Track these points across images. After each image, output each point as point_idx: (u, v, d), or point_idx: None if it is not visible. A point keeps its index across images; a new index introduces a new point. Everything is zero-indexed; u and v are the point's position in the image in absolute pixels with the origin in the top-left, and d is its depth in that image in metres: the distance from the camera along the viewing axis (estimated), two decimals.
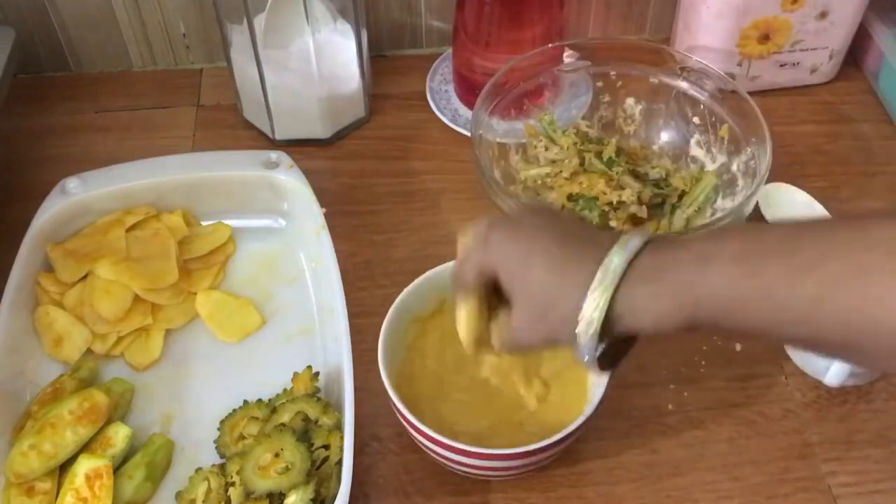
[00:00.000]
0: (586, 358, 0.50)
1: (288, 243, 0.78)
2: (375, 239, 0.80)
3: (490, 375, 0.65)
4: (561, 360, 0.66)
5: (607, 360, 0.53)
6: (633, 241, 0.49)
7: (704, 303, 0.46)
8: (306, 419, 0.63)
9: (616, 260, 0.48)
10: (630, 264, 0.48)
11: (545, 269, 0.50)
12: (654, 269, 0.48)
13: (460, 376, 0.66)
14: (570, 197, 0.77)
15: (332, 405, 0.64)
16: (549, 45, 0.83)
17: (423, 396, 0.64)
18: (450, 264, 0.66)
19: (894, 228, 0.42)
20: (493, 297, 0.55)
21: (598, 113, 0.85)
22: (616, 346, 0.54)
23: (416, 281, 0.65)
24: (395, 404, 0.60)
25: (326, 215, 0.73)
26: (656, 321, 0.48)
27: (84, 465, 0.61)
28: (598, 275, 0.48)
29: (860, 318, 0.41)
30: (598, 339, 0.49)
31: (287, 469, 0.59)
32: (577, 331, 0.49)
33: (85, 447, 0.63)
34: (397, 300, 0.64)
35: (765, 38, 0.88)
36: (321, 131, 0.87)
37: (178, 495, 0.62)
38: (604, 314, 0.48)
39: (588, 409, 0.59)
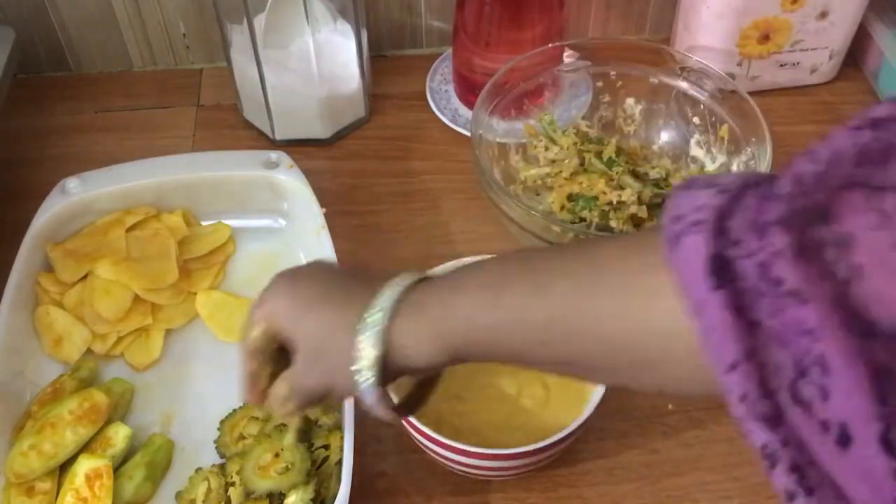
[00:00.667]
0: (371, 401, 0.49)
1: (288, 243, 0.78)
2: (375, 239, 0.80)
3: (490, 375, 0.65)
4: None
5: (404, 407, 0.53)
6: (404, 280, 0.48)
7: (457, 334, 0.46)
8: (306, 419, 0.63)
9: (386, 297, 0.47)
10: (399, 302, 0.47)
11: (318, 312, 0.50)
12: (418, 304, 0.47)
13: (460, 376, 0.66)
14: (570, 197, 0.77)
15: (332, 405, 0.64)
16: (549, 45, 0.83)
17: None
18: (449, 264, 0.66)
19: (618, 246, 0.42)
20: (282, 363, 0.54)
21: (598, 113, 0.85)
22: (414, 391, 0.54)
23: None
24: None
25: (326, 215, 0.73)
26: (422, 357, 0.47)
27: (84, 465, 0.61)
28: (371, 310, 0.47)
29: (585, 335, 0.41)
30: (378, 382, 0.47)
31: (287, 469, 0.59)
32: (352, 369, 0.47)
33: (85, 447, 0.63)
34: None
35: (765, 38, 0.88)
36: (321, 131, 0.87)
37: (178, 495, 0.62)
38: (379, 351, 0.46)
39: (588, 409, 0.59)
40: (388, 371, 0.48)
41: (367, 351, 0.47)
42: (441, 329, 0.46)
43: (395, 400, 0.52)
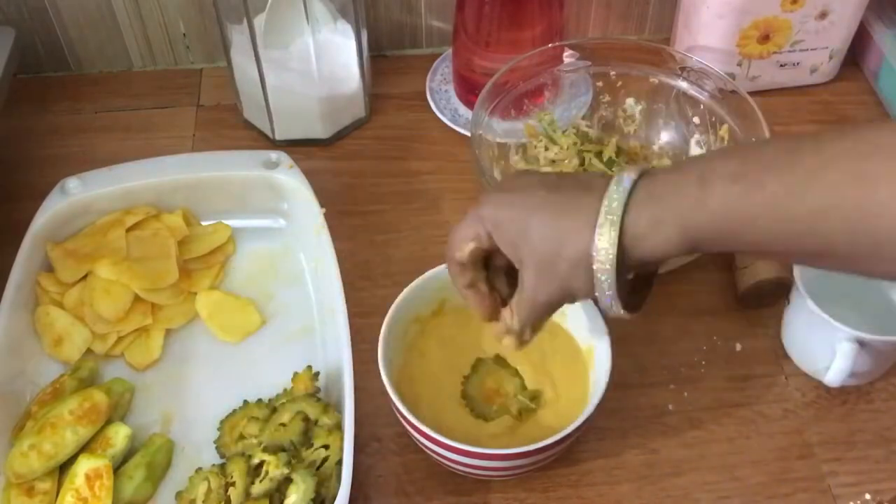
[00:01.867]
0: (608, 297, 0.50)
1: (288, 243, 0.78)
2: (375, 239, 0.80)
3: (491, 375, 0.65)
4: (561, 360, 0.66)
5: (630, 303, 0.53)
6: (628, 174, 0.49)
7: (705, 224, 0.46)
8: (306, 419, 0.63)
9: (616, 193, 0.48)
10: (630, 196, 0.48)
11: (544, 220, 0.50)
12: (653, 196, 0.48)
13: (460, 376, 0.66)
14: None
15: (332, 405, 0.64)
16: (549, 45, 0.83)
17: (423, 396, 0.64)
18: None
19: (890, 134, 0.42)
20: (503, 284, 0.56)
21: (598, 113, 0.85)
22: (633, 288, 0.55)
23: (416, 281, 0.65)
24: (395, 404, 0.60)
25: (326, 215, 0.73)
26: (660, 247, 0.48)
27: (84, 465, 0.61)
28: (603, 209, 0.48)
29: (863, 225, 0.42)
30: (616, 278, 0.49)
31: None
32: (594, 267, 0.49)
33: (85, 447, 0.63)
34: (397, 300, 0.64)
35: (765, 38, 0.88)
36: (321, 131, 0.87)
37: (178, 495, 0.62)
38: (616, 246, 0.48)
39: (588, 409, 0.59)
40: (622, 269, 0.49)
41: (605, 248, 0.48)
42: (685, 221, 0.47)
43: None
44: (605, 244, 0.48)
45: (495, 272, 0.58)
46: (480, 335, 0.67)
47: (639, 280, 0.56)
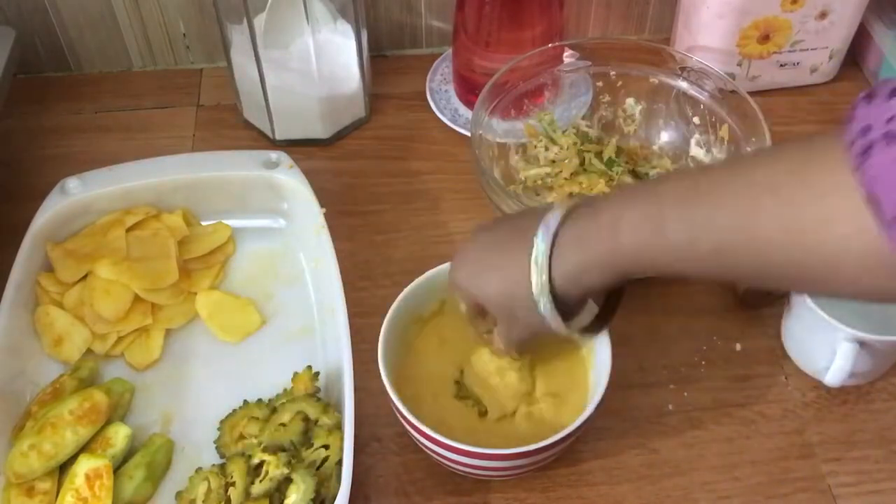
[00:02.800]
0: (562, 328, 0.56)
1: (288, 243, 0.78)
2: (375, 239, 0.80)
3: (490, 375, 0.65)
4: (562, 360, 0.66)
5: (597, 322, 0.60)
6: (552, 219, 0.53)
7: (626, 264, 0.51)
8: (306, 419, 0.63)
9: (540, 243, 0.53)
10: (556, 240, 0.53)
11: (491, 276, 0.57)
12: (576, 240, 0.53)
13: (460, 375, 0.66)
14: (570, 197, 0.77)
15: (332, 405, 0.64)
16: (549, 45, 0.83)
17: (423, 396, 0.64)
18: (449, 264, 0.66)
19: (765, 169, 0.44)
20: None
21: (598, 113, 0.85)
22: (605, 305, 0.61)
23: (416, 281, 0.65)
24: (395, 404, 0.60)
25: (326, 215, 0.73)
26: (595, 284, 0.53)
27: (84, 465, 0.61)
28: (532, 260, 0.53)
29: (761, 260, 0.45)
30: (556, 310, 0.54)
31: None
32: (539, 309, 0.54)
33: (85, 447, 0.63)
34: (397, 300, 0.64)
35: (765, 38, 0.88)
36: (321, 131, 0.87)
37: (178, 495, 0.62)
38: (548, 292, 0.53)
39: (588, 409, 0.59)
40: (571, 299, 0.55)
41: (542, 296, 0.54)
42: (608, 261, 0.52)
43: (588, 321, 0.59)
44: (538, 294, 0.54)
45: None
46: None
47: (606, 303, 0.61)
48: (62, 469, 0.63)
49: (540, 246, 0.53)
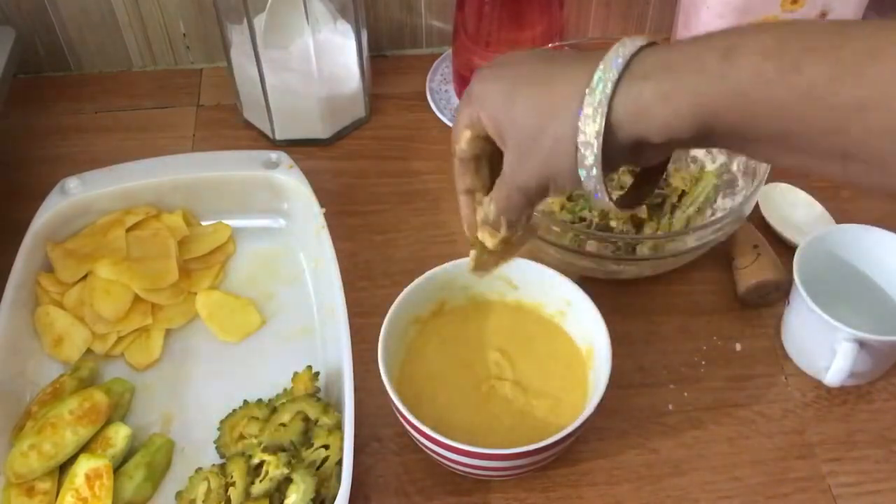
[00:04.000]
0: (593, 179, 0.44)
1: (288, 243, 0.78)
2: (375, 239, 0.80)
3: (490, 375, 0.65)
4: (561, 361, 0.66)
5: (626, 199, 0.49)
6: (633, 40, 0.44)
7: (725, 102, 0.41)
8: (306, 419, 0.63)
9: (613, 60, 0.42)
10: (629, 65, 0.42)
11: (531, 91, 0.45)
12: (662, 66, 0.42)
13: (460, 376, 0.66)
14: (570, 197, 0.77)
15: (332, 405, 0.64)
16: (549, 46, 0.83)
17: (423, 396, 0.64)
18: (449, 264, 0.66)
19: None
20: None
21: None
22: (636, 185, 0.51)
23: (416, 281, 0.65)
24: (395, 404, 0.60)
25: (326, 215, 0.73)
26: (665, 126, 0.42)
27: (84, 465, 0.61)
28: (595, 77, 0.42)
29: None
30: (600, 160, 0.43)
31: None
32: (578, 141, 0.43)
33: (85, 447, 0.63)
34: (397, 300, 0.64)
35: None
36: (321, 131, 0.87)
37: (178, 495, 0.62)
38: (604, 120, 0.42)
39: (588, 409, 0.59)
40: (613, 147, 0.43)
41: (590, 120, 0.42)
42: (703, 94, 0.41)
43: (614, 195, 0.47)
44: (590, 115, 0.42)
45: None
46: (480, 335, 0.67)
47: (643, 177, 0.52)
48: (62, 469, 0.63)
49: (611, 62, 0.42)
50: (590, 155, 0.43)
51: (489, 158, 0.51)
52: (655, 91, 0.42)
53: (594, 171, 0.44)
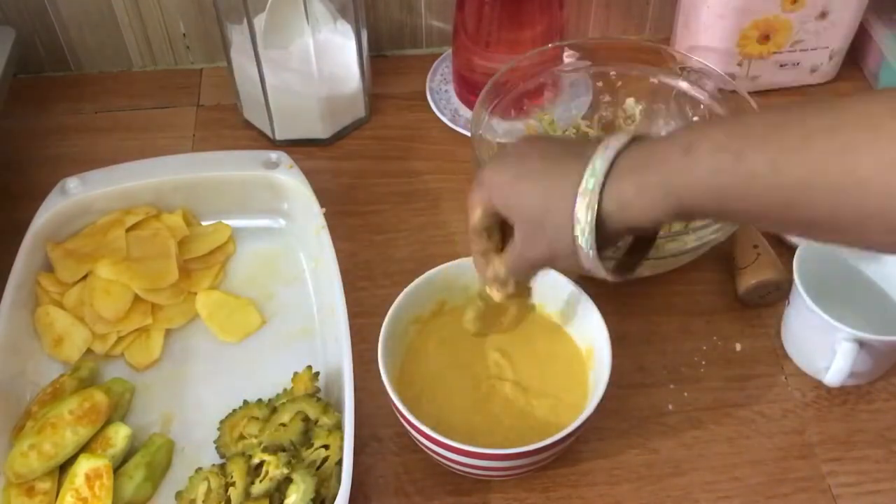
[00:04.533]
0: (590, 259, 0.52)
1: (288, 243, 0.78)
2: (375, 239, 0.80)
3: (490, 375, 0.65)
4: (561, 361, 0.66)
5: (623, 266, 0.57)
6: (615, 141, 0.51)
7: (691, 190, 0.47)
8: (306, 419, 0.63)
9: (599, 161, 0.50)
10: (614, 163, 0.50)
11: (534, 184, 0.53)
12: (639, 162, 0.49)
13: (460, 376, 0.66)
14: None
15: (332, 405, 0.64)
16: (549, 45, 0.83)
17: (423, 396, 0.64)
18: (449, 264, 0.66)
19: (873, 104, 0.42)
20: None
21: (598, 113, 0.85)
22: (631, 251, 0.58)
23: (416, 281, 0.65)
24: (395, 404, 0.60)
25: (326, 215, 0.73)
26: (647, 212, 0.49)
27: (84, 465, 0.61)
28: (586, 175, 0.50)
29: (847, 198, 0.42)
30: (595, 240, 0.51)
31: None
32: (574, 233, 0.51)
33: (85, 447, 0.63)
34: (397, 300, 0.64)
35: (765, 38, 0.88)
36: (321, 131, 0.87)
37: (178, 495, 0.62)
38: (594, 213, 0.50)
39: (588, 409, 0.59)
40: (608, 232, 0.51)
41: (586, 212, 0.50)
42: (669, 187, 0.48)
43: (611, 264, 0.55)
44: (584, 211, 0.50)
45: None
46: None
47: (637, 243, 0.59)
48: (62, 469, 0.63)
49: (598, 162, 0.50)
50: (584, 242, 0.51)
51: (500, 225, 0.58)
52: (634, 185, 0.49)
53: (591, 254, 0.52)
